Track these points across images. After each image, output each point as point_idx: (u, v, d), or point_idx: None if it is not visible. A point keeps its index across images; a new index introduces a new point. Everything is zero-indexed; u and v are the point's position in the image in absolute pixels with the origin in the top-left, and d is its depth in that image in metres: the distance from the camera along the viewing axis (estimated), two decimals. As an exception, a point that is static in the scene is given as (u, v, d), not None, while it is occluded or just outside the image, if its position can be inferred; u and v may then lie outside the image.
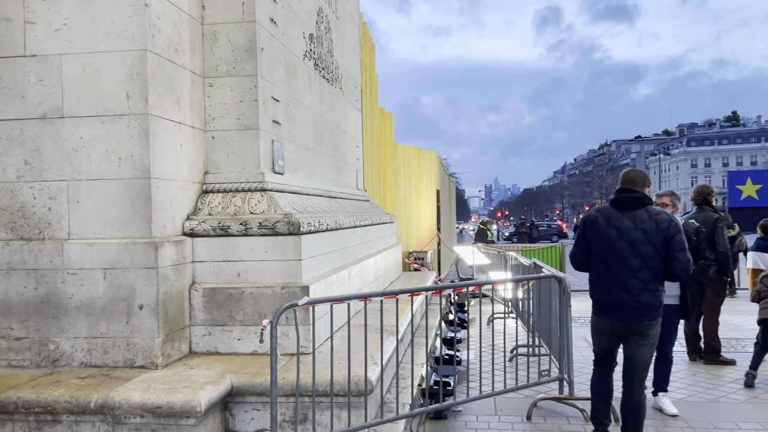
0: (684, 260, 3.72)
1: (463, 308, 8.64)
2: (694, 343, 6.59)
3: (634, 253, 3.75)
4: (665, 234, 3.71)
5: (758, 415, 4.72)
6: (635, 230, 3.76)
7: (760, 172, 70.04)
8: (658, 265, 3.75)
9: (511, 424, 4.60)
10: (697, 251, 4.78)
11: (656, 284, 3.77)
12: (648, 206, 3.83)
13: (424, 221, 12.58)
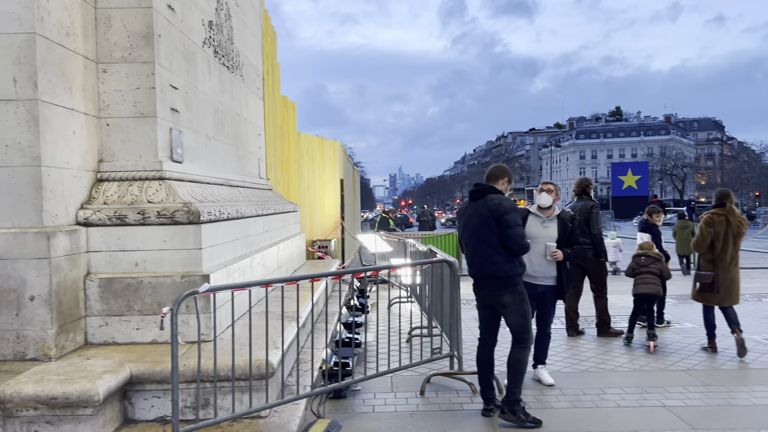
0: (513, 235, 4.32)
1: (364, 294, 8.91)
2: (572, 320, 7.25)
3: (475, 233, 4.47)
4: (495, 215, 4.34)
5: (621, 381, 5.34)
6: (475, 215, 4.48)
7: (639, 163, 76.13)
8: (496, 242, 4.38)
9: (405, 399, 4.91)
10: (571, 236, 5.28)
11: (499, 258, 4.38)
12: (487, 195, 4.49)
13: (328, 210, 12.75)
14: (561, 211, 5.40)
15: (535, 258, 5.11)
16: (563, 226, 5.25)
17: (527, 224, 5.18)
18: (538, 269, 5.15)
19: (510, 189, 4.71)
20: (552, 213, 5.31)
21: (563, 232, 5.25)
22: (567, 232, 5.25)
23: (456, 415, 4.54)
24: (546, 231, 5.22)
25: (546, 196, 5.31)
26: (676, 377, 5.45)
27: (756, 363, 5.89)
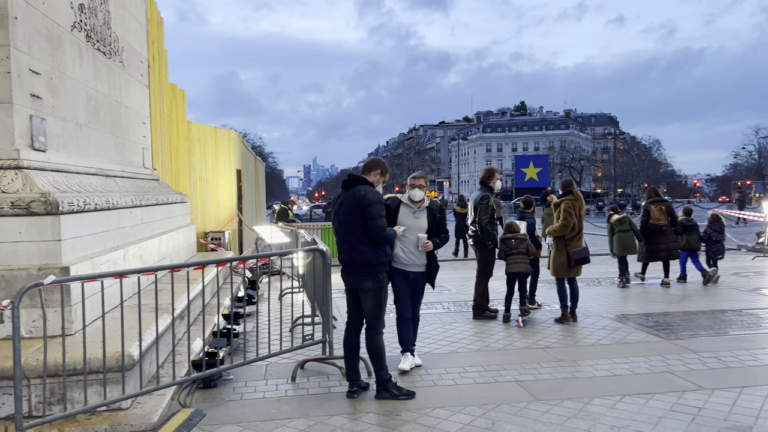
0: (374, 227, 4.56)
1: (255, 285, 8.91)
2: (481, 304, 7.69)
3: (343, 221, 4.67)
4: (360, 206, 4.58)
5: (483, 360, 5.71)
6: (344, 205, 4.70)
7: (540, 156, 79.70)
8: (361, 231, 4.60)
9: (276, 386, 5.01)
10: (439, 226, 5.52)
11: (363, 246, 4.60)
12: (357, 186, 4.71)
13: (222, 201, 12.53)
14: (430, 201, 5.63)
15: (407, 247, 5.33)
16: (432, 216, 5.48)
17: (400, 214, 5.40)
18: (411, 257, 5.37)
19: (384, 181, 4.91)
20: (422, 204, 5.52)
21: (432, 221, 5.46)
22: (435, 222, 5.50)
23: (321, 398, 4.69)
24: (417, 221, 5.43)
25: (419, 192, 5.52)
26: (535, 354, 5.90)
27: (606, 339, 6.46)
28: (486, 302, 7.77)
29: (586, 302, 8.41)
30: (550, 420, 4.20)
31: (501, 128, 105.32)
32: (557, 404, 4.50)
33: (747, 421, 4.12)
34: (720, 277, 10.24)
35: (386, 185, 6.50)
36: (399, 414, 4.35)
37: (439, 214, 5.56)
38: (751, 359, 5.59)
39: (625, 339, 6.44)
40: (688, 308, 8.01)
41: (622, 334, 6.63)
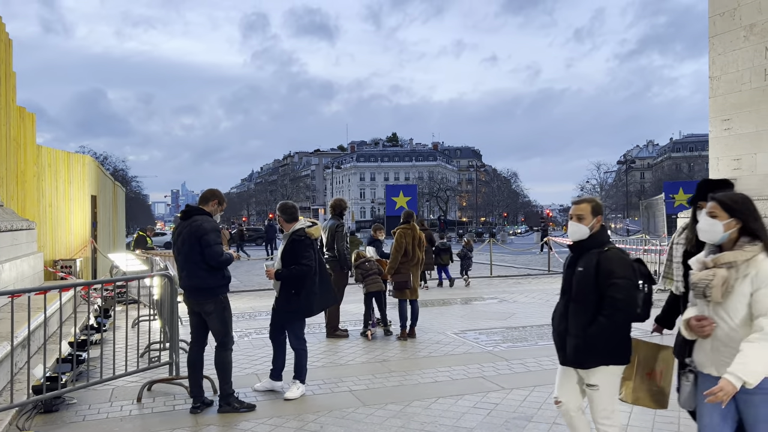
0: (211, 253, 4.91)
1: (107, 313, 8.81)
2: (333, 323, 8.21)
3: (182, 250, 5.02)
4: (196, 235, 4.92)
5: (325, 375, 6.26)
6: (182, 234, 5.01)
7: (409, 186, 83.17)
8: (199, 258, 4.94)
9: (121, 406, 5.20)
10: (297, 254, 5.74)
11: (202, 272, 4.97)
12: (193, 216, 5.07)
13: (75, 228, 12.11)
14: (293, 231, 5.87)
15: None
16: (290, 243, 5.78)
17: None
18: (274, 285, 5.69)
19: (221, 210, 5.30)
20: (287, 232, 5.82)
21: (289, 249, 5.77)
22: (293, 249, 5.75)
23: (165, 415, 4.97)
24: (278, 251, 5.81)
25: None
26: (372, 367, 6.56)
27: (437, 352, 7.30)
28: (337, 322, 8.36)
29: (426, 321, 9.29)
30: (372, 421, 4.82)
31: (374, 158, 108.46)
32: (381, 407, 5.15)
33: (530, 412, 5.01)
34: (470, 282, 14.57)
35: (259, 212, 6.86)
36: (237, 424, 4.76)
37: (290, 244, 5.74)
38: (549, 364, 6.63)
39: (452, 351, 7.31)
40: (511, 324, 9.15)
41: (451, 347, 7.51)
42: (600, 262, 3.29)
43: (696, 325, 2.76)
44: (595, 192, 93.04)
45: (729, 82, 14.60)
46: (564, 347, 3.41)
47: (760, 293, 2.63)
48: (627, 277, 3.26)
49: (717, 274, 2.69)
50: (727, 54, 14.65)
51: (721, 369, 2.66)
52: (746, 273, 2.67)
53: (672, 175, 72.00)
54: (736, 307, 2.67)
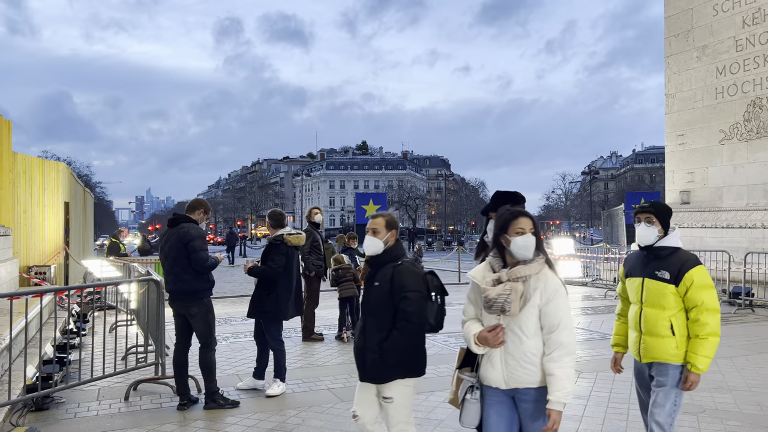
0: (197, 259, 5.25)
1: (84, 318, 8.97)
2: (308, 327, 8.52)
3: (169, 255, 5.34)
4: (183, 241, 5.25)
5: (304, 375, 6.59)
6: (169, 240, 5.35)
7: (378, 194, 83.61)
8: (185, 263, 5.27)
9: (109, 404, 5.45)
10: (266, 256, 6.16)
11: (187, 276, 5.27)
12: (180, 223, 5.36)
13: (48, 234, 12.17)
14: (274, 236, 6.22)
15: None
16: (267, 246, 6.15)
17: None
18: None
19: (206, 219, 5.63)
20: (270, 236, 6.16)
21: (266, 251, 6.10)
22: (267, 252, 6.16)
23: (154, 412, 5.25)
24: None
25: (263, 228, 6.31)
26: (348, 368, 6.90)
27: (409, 353, 7.68)
28: (312, 326, 8.69)
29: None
30: (348, 414, 5.13)
31: (344, 166, 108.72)
32: (358, 403, 5.50)
33: (495, 405, 5.43)
34: None
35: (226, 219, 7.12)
36: (223, 419, 5.07)
37: (267, 247, 6.16)
38: (513, 363, 7.10)
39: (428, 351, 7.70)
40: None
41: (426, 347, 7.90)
42: (393, 276, 3.33)
43: (491, 336, 2.73)
44: (561, 202, 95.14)
45: (683, 100, 15.46)
46: (363, 363, 3.40)
47: (551, 307, 2.71)
48: (418, 290, 3.31)
49: (514, 288, 2.71)
50: (681, 73, 15.53)
51: (510, 382, 2.73)
52: (536, 286, 2.73)
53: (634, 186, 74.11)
54: (528, 318, 2.70)
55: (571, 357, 2.68)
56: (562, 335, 2.69)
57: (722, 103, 14.31)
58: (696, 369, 3.36)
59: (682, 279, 3.36)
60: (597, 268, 17.31)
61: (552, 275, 2.78)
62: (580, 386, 6.04)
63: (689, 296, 3.36)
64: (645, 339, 3.49)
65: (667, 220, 3.51)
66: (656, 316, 3.44)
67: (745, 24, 13.82)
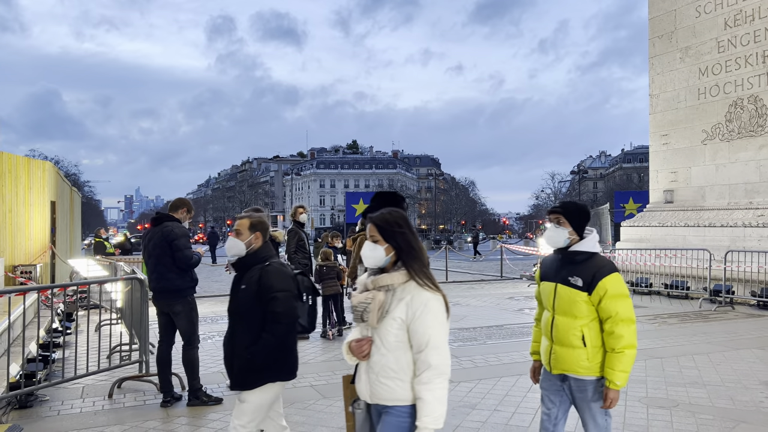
0: (181, 257, 5.35)
1: (70, 317, 8.98)
2: None
3: (153, 254, 5.39)
4: (167, 240, 5.33)
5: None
6: (153, 239, 5.40)
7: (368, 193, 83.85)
8: (169, 261, 5.35)
9: (93, 402, 5.50)
10: None
11: (171, 274, 5.35)
12: (164, 222, 5.44)
13: (34, 233, 12.14)
14: None
15: None
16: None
17: None
18: None
19: (189, 218, 5.70)
20: None
21: None
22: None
23: (137, 409, 5.30)
24: None
25: None
26: (332, 365, 7.00)
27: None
28: (297, 325, 8.78)
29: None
30: (331, 411, 5.27)
31: (334, 165, 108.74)
32: (340, 399, 5.52)
33: (474, 401, 5.54)
34: None
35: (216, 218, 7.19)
36: (206, 416, 5.14)
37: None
38: (495, 360, 7.22)
39: (407, 350, 7.80)
40: (463, 325, 9.71)
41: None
42: (261, 277, 3.23)
43: (355, 347, 2.58)
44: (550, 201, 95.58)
45: (667, 101, 15.67)
46: (232, 370, 3.30)
47: (418, 324, 2.45)
48: (287, 290, 3.22)
49: (375, 297, 2.51)
50: (665, 74, 15.73)
51: (374, 396, 2.53)
52: (402, 297, 2.49)
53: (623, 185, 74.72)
54: (387, 331, 2.48)
55: (442, 378, 2.43)
56: (430, 355, 2.43)
57: (705, 104, 14.53)
58: (614, 386, 3.11)
59: (595, 287, 3.12)
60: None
61: (422, 289, 2.50)
62: (559, 382, 6.16)
63: (603, 306, 3.12)
64: (555, 349, 3.25)
65: (579, 223, 3.26)
66: (567, 325, 3.19)
67: (727, 25, 14.03)
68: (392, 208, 2.67)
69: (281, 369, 3.26)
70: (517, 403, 5.44)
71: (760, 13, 13.33)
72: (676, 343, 8.12)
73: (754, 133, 13.38)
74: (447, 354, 2.49)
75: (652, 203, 16.16)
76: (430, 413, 2.42)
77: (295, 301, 3.26)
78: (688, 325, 9.63)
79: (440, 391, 2.44)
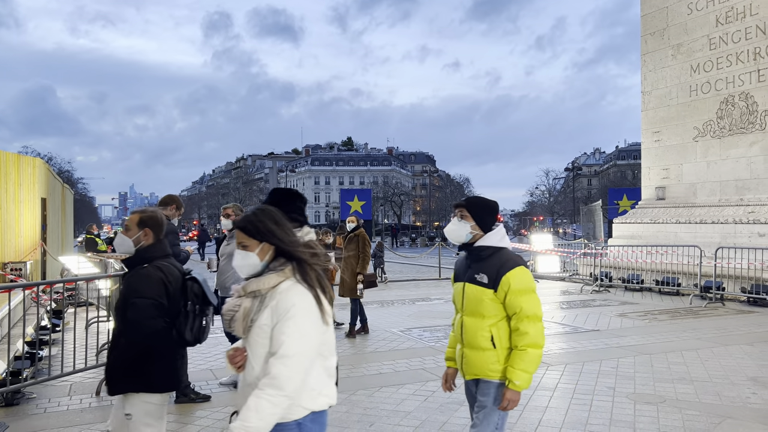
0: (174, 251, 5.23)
1: (59, 314, 8.93)
2: None
3: None
4: None
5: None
6: None
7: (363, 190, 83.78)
8: None
9: (80, 399, 5.48)
10: None
11: None
12: None
13: (24, 230, 12.07)
14: None
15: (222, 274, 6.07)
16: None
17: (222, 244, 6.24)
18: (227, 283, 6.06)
19: (179, 215, 5.67)
20: (232, 231, 6.28)
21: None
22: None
23: (124, 406, 5.28)
24: (227, 248, 6.21)
25: (225, 221, 6.37)
26: (321, 362, 6.98)
27: (383, 348, 7.79)
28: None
29: (375, 319, 9.78)
30: (319, 407, 5.26)
31: (329, 162, 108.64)
32: (328, 396, 5.59)
33: (462, 398, 5.49)
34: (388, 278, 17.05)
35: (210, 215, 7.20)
36: (194, 413, 5.13)
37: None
38: (485, 356, 7.23)
39: (397, 347, 7.81)
40: (454, 322, 9.72)
41: (396, 343, 8.01)
42: (127, 280, 3.09)
43: (229, 357, 2.39)
44: (544, 198, 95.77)
45: (659, 97, 15.71)
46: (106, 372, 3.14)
47: (276, 330, 2.23)
48: (148, 297, 2.95)
49: (242, 304, 2.32)
50: (657, 71, 15.77)
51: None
52: (269, 303, 2.27)
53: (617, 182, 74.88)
54: (256, 341, 2.26)
55: (276, 391, 2.15)
56: (275, 364, 2.18)
57: (696, 101, 14.57)
58: (513, 386, 2.86)
59: (499, 283, 2.92)
60: (575, 263, 17.53)
61: (292, 292, 2.26)
62: (548, 378, 6.17)
63: (508, 302, 2.92)
64: (466, 352, 3.03)
65: (484, 217, 3.06)
66: (476, 325, 2.97)
67: (719, 22, 14.06)
68: (261, 207, 2.48)
69: (143, 380, 2.96)
70: (505, 400, 5.45)
71: (751, 11, 13.37)
72: (665, 339, 8.15)
73: (745, 130, 13.43)
74: (296, 368, 2.19)
75: (644, 200, 16.21)
76: (244, 419, 2.16)
77: (154, 310, 2.94)
78: (678, 321, 9.67)
79: (265, 402, 2.14)
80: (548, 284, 15.81)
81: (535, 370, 2.91)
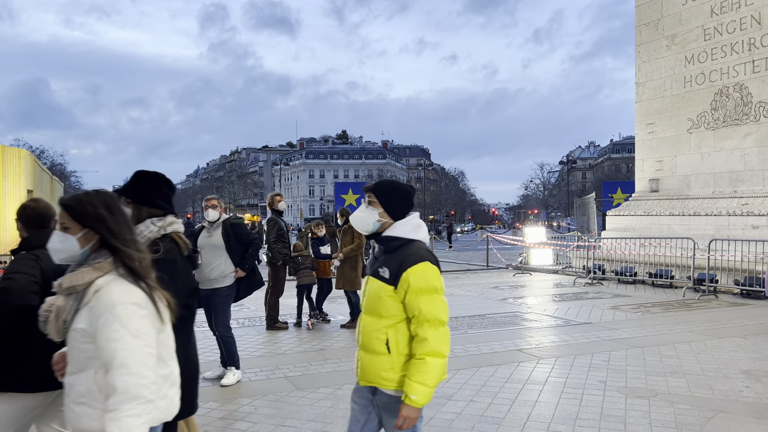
0: None
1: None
2: (272, 316, 8.47)
3: None
4: None
5: (264, 363, 6.52)
6: None
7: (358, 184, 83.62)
8: None
9: (58, 395, 5.34)
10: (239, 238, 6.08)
11: None
12: None
13: (9, 223, 11.87)
14: (225, 218, 6.16)
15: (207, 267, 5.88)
16: (226, 232, 6.02)
17: (200, 236, 6.04)
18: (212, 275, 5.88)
19: None
20: (216, 223, 6.09)
21: (227, 237, 5.95)
22: (230, 237, 6.00)
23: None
24: (210, 239, 6.02)
25: (212, 212, 6.16)
26: (308, 356, 6.86)
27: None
28: (276, 315, 8.62)
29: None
30: (303, 403, 5.14)
31: (323, 155, 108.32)
32: (313, 391, 5.47)
33: (451, 392, 5.43)
34: None
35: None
36: (174, 408, 4.99)
37: (231, 229, 5.97)
38: (475, 350, 7.11)
39: (386, 340, 7.69)
40: (446, 315, 9.62)
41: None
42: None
43: (54, 362, 2.16)
44: (539, 191, 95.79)
45: (653, 89, 15.59)
46: None
47: (100, 336, 1.94)
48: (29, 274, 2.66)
49: (56, 304, 2.03)
50: (651, 62, 15.64)
51: (68, 423, 2.07)
52: (87, 302, 1.98)
53: (611, 175, 74.94)
54: (74, 346, 1.99)
55: (133, 403, 1.92)
56: (115, 376, 1.91)
57: (690, 92, 14.46)
58: (410, 401, 2.46)
59: (399, 279, 2.54)
60: (568, 256, 17.46)
61: (113, 288, 1.97)
62: (538, 372, 6.07)
63: (407, 302, 2.54)
64: (360, 355, 2.71)
65: (393, 203, 2.69)
66: (372, 325, 2.61)
67: (714, 13, 13.94)
68: (97, 189, 2.19)
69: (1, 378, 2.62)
70: (494, 394, 5.34)
71: (746, 1, 13.25)
72: (658, 332, 8.06)
73: (739, 121, 13.33)
74: (141, 371, 1.94)
75: (637, 192, 16.12)
76: None
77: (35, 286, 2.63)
78: (671, 313, 9.58)
79: (129, 419, 1.90)
80: (541, 277, 15.72)
81: (435, 383, 2.49)
